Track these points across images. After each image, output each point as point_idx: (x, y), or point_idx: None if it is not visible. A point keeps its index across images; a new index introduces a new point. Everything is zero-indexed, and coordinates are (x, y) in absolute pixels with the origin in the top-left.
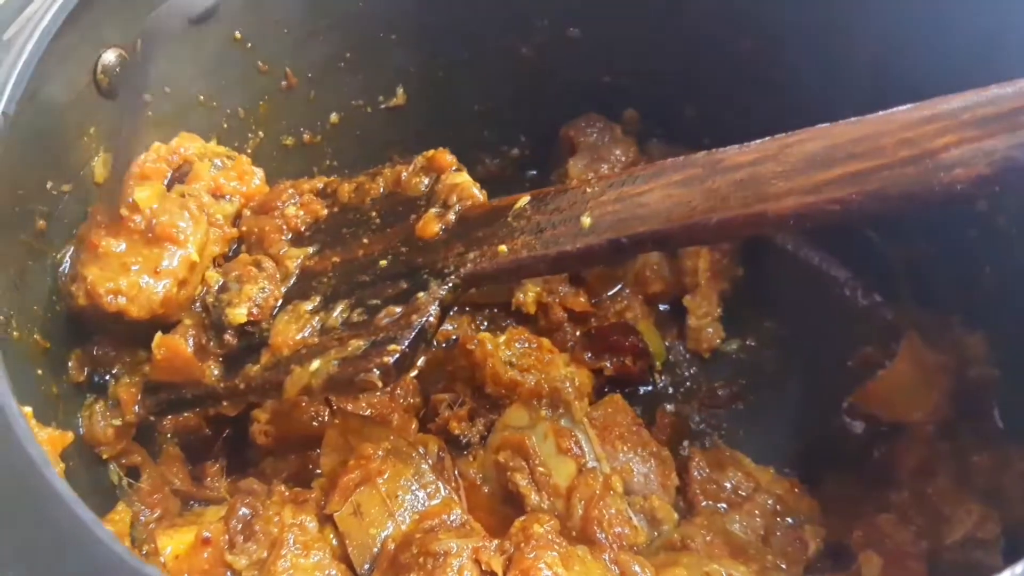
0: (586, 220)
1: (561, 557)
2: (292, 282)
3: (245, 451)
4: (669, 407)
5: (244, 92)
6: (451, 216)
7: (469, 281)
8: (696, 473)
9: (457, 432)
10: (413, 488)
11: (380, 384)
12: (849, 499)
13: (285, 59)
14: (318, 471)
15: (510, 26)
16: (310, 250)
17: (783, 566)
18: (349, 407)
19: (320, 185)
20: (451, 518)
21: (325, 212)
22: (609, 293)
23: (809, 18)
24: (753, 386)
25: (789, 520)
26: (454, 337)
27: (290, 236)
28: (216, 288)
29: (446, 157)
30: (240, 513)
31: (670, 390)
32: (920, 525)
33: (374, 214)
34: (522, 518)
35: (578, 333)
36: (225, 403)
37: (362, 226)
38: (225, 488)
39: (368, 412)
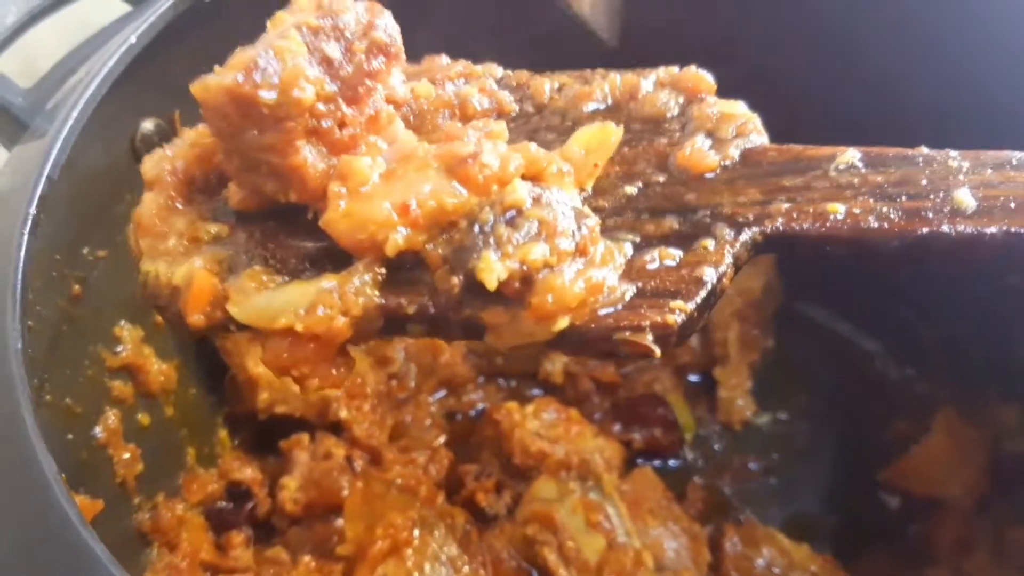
0: (965, 199)
1: None
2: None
3: (270, 520)
4: (699, 481)
5: None
6: (732, 151)
7: (777, 241)
8: (729, 549)
9: (483, 504)
10: (441, 561)
11: (656, 352)
12: None
13: None
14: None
15: None
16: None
17: None
18: (379, 475)
19: (498, 74)
20: None
21: (515, 108)
22: (637, 364)
23: None
24: (785, 460)
25: None
26: (480, 406)
27: (459, 124)
28: (501, 215)
29: (704, 79)
30: None
31: (700, 463)
32: None
33: None
34: None
35: (606, 404)
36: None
37: None
38: (251, 558)
39: (399, 481)
